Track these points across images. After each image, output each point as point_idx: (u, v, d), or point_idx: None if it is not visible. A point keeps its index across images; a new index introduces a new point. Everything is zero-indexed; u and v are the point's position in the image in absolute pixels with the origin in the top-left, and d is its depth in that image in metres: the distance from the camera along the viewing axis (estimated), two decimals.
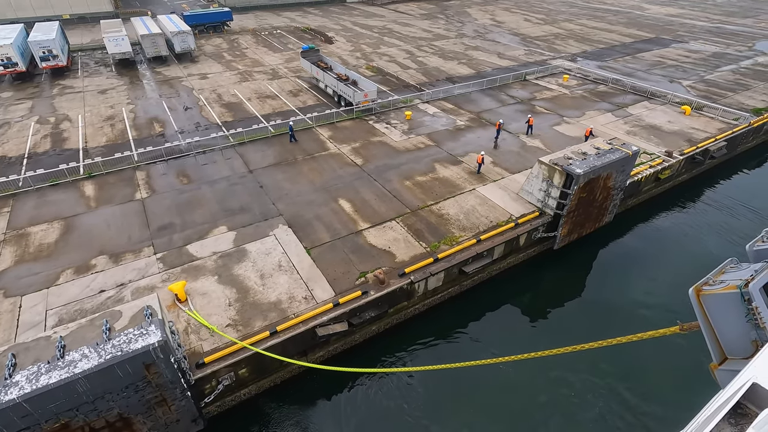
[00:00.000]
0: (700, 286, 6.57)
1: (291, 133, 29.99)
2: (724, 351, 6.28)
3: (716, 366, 6.38)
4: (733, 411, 3.28)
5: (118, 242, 20.61)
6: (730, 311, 6.05)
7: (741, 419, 3.26)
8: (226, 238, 20.88)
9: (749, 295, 5.80)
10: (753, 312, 5.76)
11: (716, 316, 6.29)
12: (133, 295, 17.62)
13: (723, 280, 6.50)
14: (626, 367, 18.07)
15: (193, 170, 26.77)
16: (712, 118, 34.31)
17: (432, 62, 48.50)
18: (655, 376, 17.90)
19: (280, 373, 17.15)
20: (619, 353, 17.61)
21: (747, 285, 5.87)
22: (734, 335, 6.12)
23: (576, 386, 17.45)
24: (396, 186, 25.13)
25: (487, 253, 20.78)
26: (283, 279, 18.49)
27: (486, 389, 17.28)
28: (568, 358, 18.06)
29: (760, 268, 6.25)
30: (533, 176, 23.01)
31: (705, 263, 7.17)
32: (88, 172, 26.17)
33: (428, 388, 17.32)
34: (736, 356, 6.11)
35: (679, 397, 16.71)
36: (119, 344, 11.96)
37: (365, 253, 19.99)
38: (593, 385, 17.49)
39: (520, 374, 17.70)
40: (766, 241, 7.20)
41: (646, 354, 18.34)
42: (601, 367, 18.04)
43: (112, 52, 44.44)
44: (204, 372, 14.67)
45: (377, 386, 17.42)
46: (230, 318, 16.68)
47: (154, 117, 34.34)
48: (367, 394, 17.21)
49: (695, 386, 15.96)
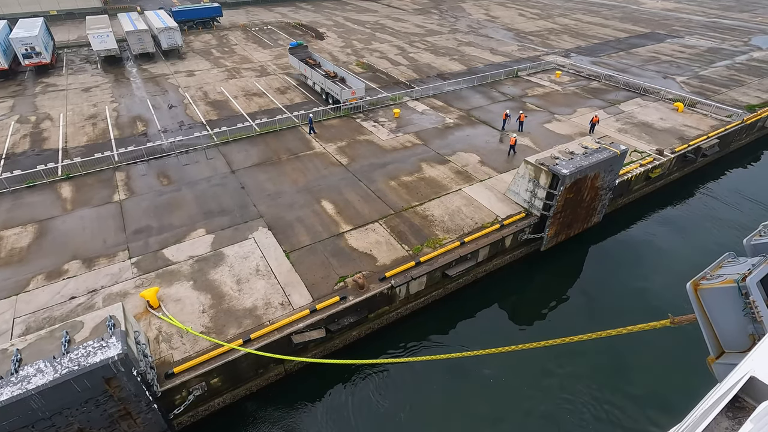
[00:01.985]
0: (697, 281, 6.54)
1: (311, 124, 30.30)
2: (722, 345, 6.30)
3: (713, 360, 6.38)
4: (730, 404, 3.29)
5: (93, 246, 20.07)
6: (728, 305, 6.07)
7: (739, 412, 3.28)
8: (203, 241, 20.35)
9: (746, 288, 5.81)
10: (750, 306, 5.77)
11: (714, 310, 6.29)
12: (104, 301, 17.11)
13: (720, 275, 6.49)
14: (623, 362, 18.10)
15: (175, 171, 26.19)
16: (705, 115, 33.81)
17: (423, 58, 47.82)
18: (653, 370, 17.92)
19: (256, 381, 16.69)
20: (616, 348, 18.18)
21: (744, 279, 5.88)
22: (731, 329, 6.14)
23: (571, 382, 17.37)
24: (381, 186, 24.61)
25: (471, 256, 20.31)
26: (260, 284, 17.99)
27: (473, 388, 16.89)
28: (560, 355, 18.23)
29: (758, 262, 6.24)
30: (519, 176, 22.51)
31: (696, 262, 7.18)
32: (67, 173, 25.57)
33: (415, 391, 16.91)
34: (733, 350, 6.14)
35: (676, 391, 16.75)
36: (77, 358, 11.46)
37: (346, 257, 19.49)
38: (589, 381, 17.45)
39: (509, 372, 17.37)
40: (763, 235, 7.19)
41: (642, 348, 18.38)
42: (597, 363, 18.11)
43: (97, 49, 43.64)
44: (173, 383, 14.20)
45: (358, 393, 16.99)
46: (203, 325, 16.19)
47: (138, 116, 33.68)
48: (346, 402, 16.77)
49: (693, 380, 15.92)
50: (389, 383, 17.29)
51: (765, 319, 5.66)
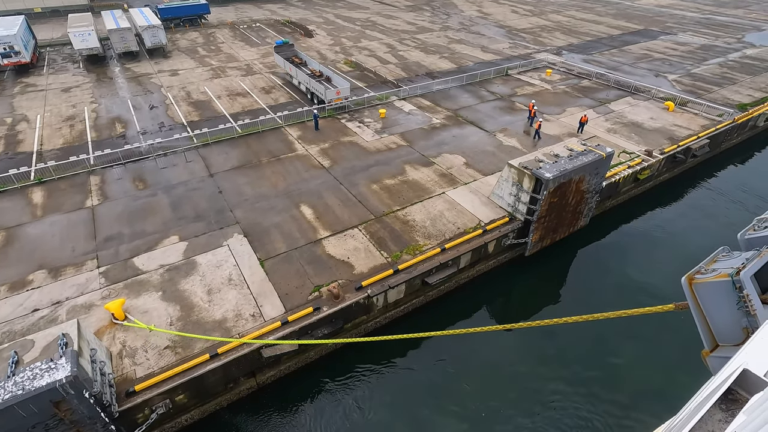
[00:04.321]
0: (692, 275, 6.54)
1: (315, 121, 30.33)
2: (716, 338, 6.32)
3: (708, 353, 6.40)
4: (724, 397, 3.33)
5: (61, 255, 19.38)
6: (722, 299, 6.08)
7: (732, 405, 3.32)
8: (176, 249, 19.69)
9: (740, 282, 5.81)
10: (744, 299, 5.79)
11: (708, 304, 6.33)
12: (68, 314, 16.45)
13: (715, 269, 6.48)
14: (620, 356, 18.28)
15: (152, 174, 25.46)
16: (696, 114, 33.27)
17: (413, 56, 47.08)
18: (648, 363, 18.04)
19: (226, 395, 16.10)
20: (612, 341, 18.68)
21: (738, 273, 5.88)
22: (725, 322, 6.17)
23: (566, 377, 17.36)
24: (362, 190, 23.97)
25: (453, 263, 19.74)
26: (232, 294, 17.37)
27: (454, 404, 16.37)
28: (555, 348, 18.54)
29: (752, 256, 6.22)
30: (503, 180, 21.92)
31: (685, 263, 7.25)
32: (39, 178, 24.82)
33: (395, 406, 16.36)
34: (727, 343, 6.17)
35: (670, 383, 16.95)
36: (22, 381, 10.83)
37: (322, 265, 18.88)
38: (583, 375, 17.51)
39: (493, 377, 16.84)
40: (757, 229, 7.18)
41: (639, 342, 18.60)
42: (593, 356, 18.24)
43: (78, 47, 42.66)
44: (134, 401, 13.58)
45: (336, 406, 16.43)
46: (170, 339, 15.56)
47: (117, 117, 32.86)
48: (324, 416, 16.22)
49: (687, 373, 16.40)
50: (368, 395, 16.73)
51: (758, 312, 5.67)
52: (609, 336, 18.94)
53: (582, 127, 29.93)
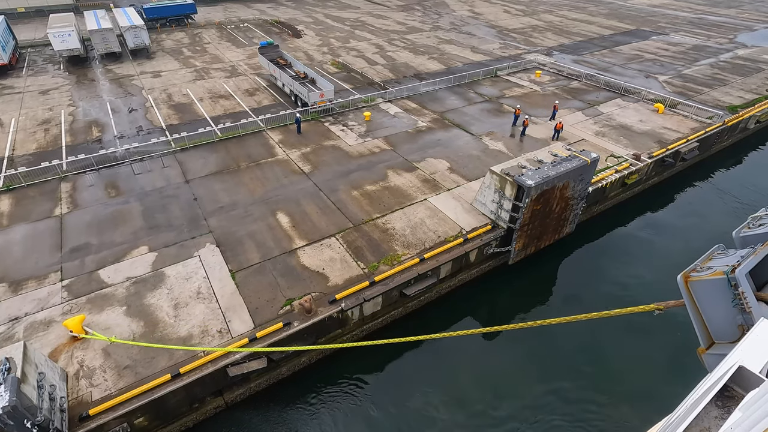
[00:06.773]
0: (688, 273, 6.64)
1: (298, 124, 29.74)
2: (712, 336, 6.40)
3: (704, 350, 6.51)
4: (720, 394, 3.40)
5: (23, 267, 18.56)
6: (717, 297, 6.17)
7: (728, 401, 3.36)
8: (144, 260, 18.91)
9: (736, 280, 5.89)
10: (739, 297, 5.88)
11: (704, 302, 6.41)
12: (26, 331, 15.68)
13: (710, 266, 6.59)
14: (617, 355, 18.21)
15: (125, 181, 24.64)
16: (686, 116, 32.77)
17: (402, 57, 46.38)
18: (644, 361, 17.95)
19: (191, 416, 15.38)
20: (607, 341, 18.59)
21: (734, 271, 5.96)
22: (721, 320, 6.25)
23: (564, 375, 17.22)
24: (342, 197, 23.26)
25: (432, 273, 19.08)
26: (200, 309, 16.63)
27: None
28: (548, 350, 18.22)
29: (746, 253, 6.31)
30: (486, 186, 21.28)
31: (674, 268, 7.06)
32: (8, 185, 23.96)
33: (372, 423, 15.70)
34: (723, 340, 6.26)
35: (667, 381, 16.85)
36: None
37: (296, 277, 18.17)
38: (580, 372, 17.38)
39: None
40: (752, 227, 7.27)
41: (635, 340, 18.52)
42: (588, 355, 18.06)
43: (58, 48, 41.64)
44: (87, 427, 12.84)
45: (308, 421, 15.75)
46: (131, 357, 14.81)
47: (95, 120, 31.98)
48: (300, 430, 15.54)
49: (684, 370, 16.47)
50: (345, 411, 16.05)
51: (754, 309, 5.72)
52: (602, 337, 18.70)
53: (557, 134, 29.10)
